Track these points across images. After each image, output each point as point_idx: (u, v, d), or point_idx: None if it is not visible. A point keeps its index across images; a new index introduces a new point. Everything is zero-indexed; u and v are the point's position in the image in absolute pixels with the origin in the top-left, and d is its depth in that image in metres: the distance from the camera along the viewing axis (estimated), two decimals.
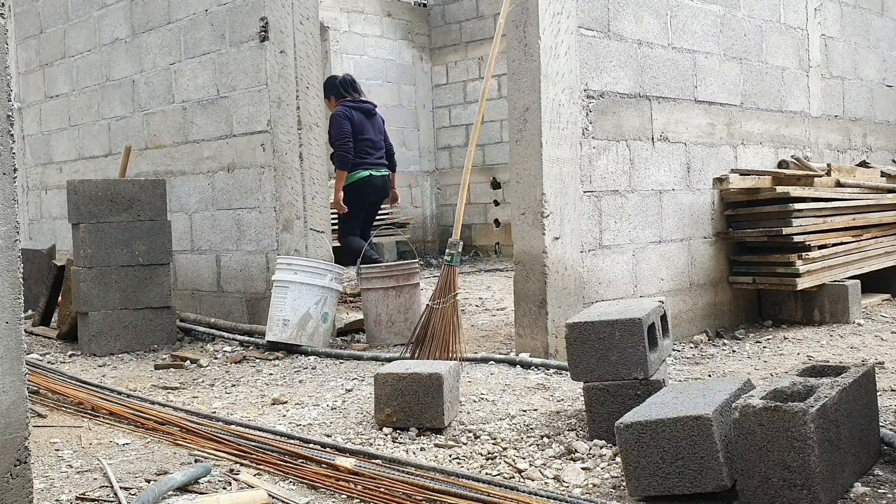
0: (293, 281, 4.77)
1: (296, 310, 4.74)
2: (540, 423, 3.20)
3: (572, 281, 4.42)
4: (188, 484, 2.52)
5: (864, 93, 6.80)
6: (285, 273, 4.81)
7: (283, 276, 4.81)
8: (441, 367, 3.21)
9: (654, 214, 4.91)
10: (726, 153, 5.40)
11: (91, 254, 4.91)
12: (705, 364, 4.39)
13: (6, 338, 2.11)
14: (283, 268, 4.84)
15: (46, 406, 3.59)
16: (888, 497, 2.33)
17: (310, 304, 4.75)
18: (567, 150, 4.41)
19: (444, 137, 12.30)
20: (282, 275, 4.82)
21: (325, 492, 2.52)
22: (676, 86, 5.04)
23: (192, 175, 5.96)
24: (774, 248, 5.28)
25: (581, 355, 3.01)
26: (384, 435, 3.11)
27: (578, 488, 2.54)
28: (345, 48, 11.30)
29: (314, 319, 4.76)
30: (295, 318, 4.73)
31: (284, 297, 4.77)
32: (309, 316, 4.75)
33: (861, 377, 2.51)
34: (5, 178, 2.12)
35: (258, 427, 3.16)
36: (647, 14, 4.86)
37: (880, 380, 3.63)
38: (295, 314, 4.74)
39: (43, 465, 2.83)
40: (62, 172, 7.53)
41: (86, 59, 7.11)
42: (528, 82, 4.33)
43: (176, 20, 6.04)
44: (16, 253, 2.13)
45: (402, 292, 5.05)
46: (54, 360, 4.75)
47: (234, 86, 5.55)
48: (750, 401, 2.25)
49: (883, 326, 5.18)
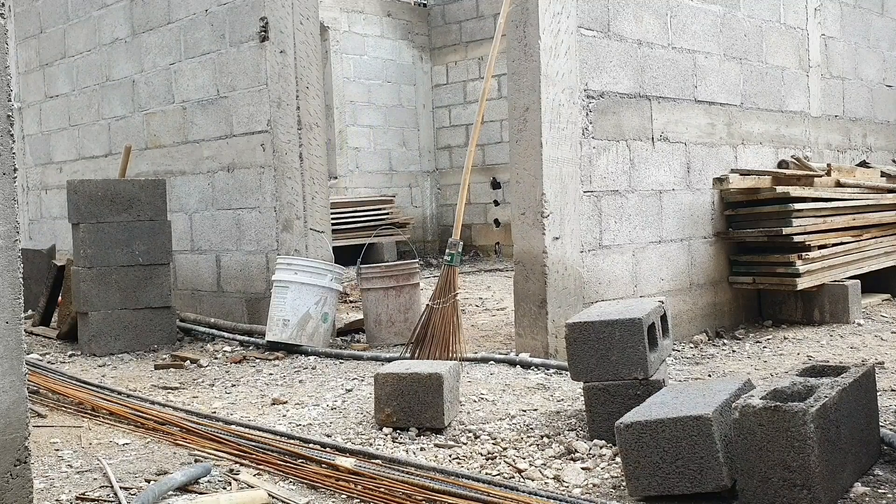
0: (293, 281, 4.77)
1: (296, 310, 4.74)
2: (540, 423, 3.20)
3: (572, 281, 4.42)
4: (188, 484, 2.52)
5: (864, 93, 6.80)
6: (285, 273, 4.81)
7: (282, 276, 4.81)
8: (441, 367, 3.21)
9: (654, 214, 4.91)
10: (726, 153, 5.40)
11: (91, 254, 4.91)
12: (705, 364, 4.39)
13: (6, 338, 2.11)
14: (283, 268, 4.84)
15: (46, 406, 3.59)
16: (888, 497, 2.33)
17: (310, 304, 4.75)
18: (567, 150, 4.41)
19: (444, 137, 12.31)
20: (282, 275, 4.82)
21: (325, 492, 2.52)
22: (676, 86, 5.04)
23: (192, 175, 5.96)
24: (774, 248, 5.28)
25: (581, 355, 3.01)
26: (384, 435, 3.11)
27: (578, 488, 2.53)
28: (345, 48, 11.30)
29: (314, 319, 4.77)
30: (295, 318, 4.74)
31: (284, 297, 4.77)
32: (309, 316, 4.75)
33: (861, 377, 2.51)
34: (5, 178, 2.12)
35: (258, 427, 3.16)
36: (647, 14, 4.86)
37: (880, 380, 3.63)
38: (295, 314, 4.74)
39: (43, 465, 2.83)
40: (62, 172, 7.53)
41: (86, 59, 7.11)
42: (528, 82, 4.33)
43: (176, 20, 6.04)
44: (16, 253, 2.13)
45: (402, 292, 5.05)
46: (54, 360, 4.75)
47: (234, 86, 5.55)
48: (750, 401, 2.25)
49: (883, 326, 5.18)
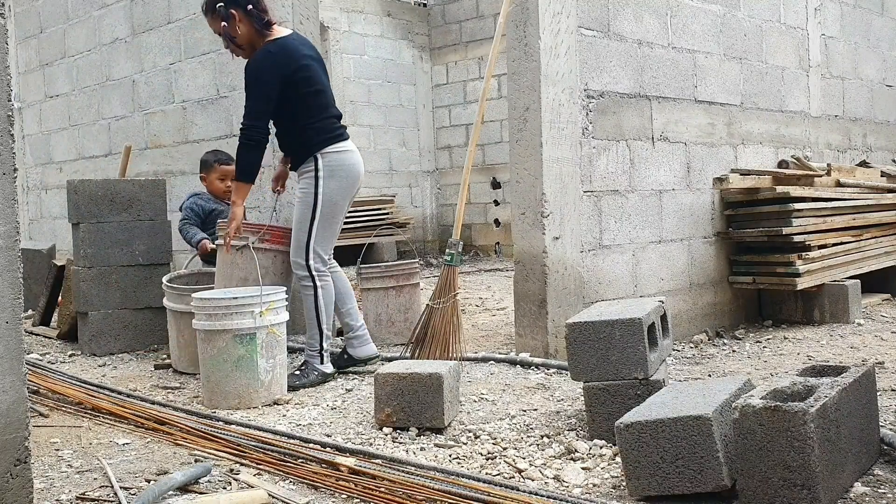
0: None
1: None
2: (540, 423, 3.20)
3: (572, 281, 4.42)
4: (188, 484, 2.52)
5: (864, 93, 6.80)
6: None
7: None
8: (441, 366, 3.21)
9: (654, 214, 4.91)
10: (726, 153, 5.40)
11: (91, 254, 4.91)
12: (705, 364, 4.39)
13: (6, 338, 2.11)
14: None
15: (46, 406, 3.59)
16: (888, 497, 2.33)
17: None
18: (567, 150, 4.41)
19: (444, 137, 12.31)
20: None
21: (325, 492, 2.52)
22: (676, 86, 5.04)
23: (192, 175, 5.95)
24: (774, 248, 5.28)
25: (581, 355, 3.01)
26: (384, 435, 3.11)
27: (578, 488, 2.53)
28: (345, 48, 11.30)
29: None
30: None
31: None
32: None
33: (861, 377, 2.51)
34: (5, 178, 2.12)
35: (258, 427, 3.16)
36: (647, 14, 4.86)
37: (880, 380, 3.63)
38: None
39: (43, 465, 2.83)
40: (62, 172, 7.53)
41: (86, 58, 7.11)
42: (528, 82, 4.33)
43: (176, 20, 6.04)
44: (16, 253, 2.13)
45: (402, 292, 5.06)
46: (54, 360, 4.75)
47: (235, 86, 5.55)
48: (750, 401, 2.25)
49: (883, 326, 5.18)
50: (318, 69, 4.03)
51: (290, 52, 3.93)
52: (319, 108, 4.00)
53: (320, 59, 4.11)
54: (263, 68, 3.87)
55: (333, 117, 4.07)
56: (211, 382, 3.65)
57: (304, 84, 3.93)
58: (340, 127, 4.10)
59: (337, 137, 4.03)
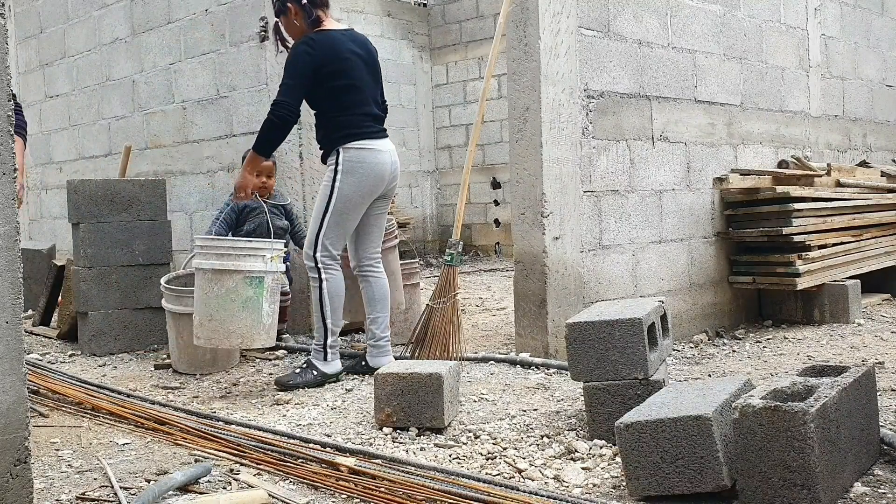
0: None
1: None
2: (540, 423, 3.20)
3: (572, 281, 4.42)
4: (188, 484, 2.52)
5: (864, 93, 6.80)
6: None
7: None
8: (441, 367, 3.21)
9: (654, 214, 4.91)
10: (726, 153, 5.40)
11: (91, 254, 4.91)
12: (705, 364, 4.39)
13: (6, 338, 2.11)
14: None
15: (46, 406, 3.59)
16: (888, 497, 2.33)
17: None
18: (567, 150, 4.41)
19: (444, 137, 12.30)
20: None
21: (325, 492, 2.52)
22: (676, 86, 5.04)
23: (192, 175, 5.96)
24: (774, 248, 5.28)
25: (581, 355, 3.01)
26: (384, 435, 3.11)
27: (578, 488, 2.53)
28: None
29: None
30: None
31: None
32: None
33: (861, 377, 2.52)
34: (5, 178, 2.11)
35: (258, 427, 3.16)
36: (647, 14, 4.86)
37: (880, 380, 3.63)
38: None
39: (43, 465, 2.83)
40: (62, 172, 7.53)
41: (86, 58, 7.11)
42: (528, 82, 4.33)
43: (176, 20, 6.04)
44: (16, 253, 2.13)
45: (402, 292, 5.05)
46: (54, 360, 4.75)
47: (235, 86, 5.56)
48: (750, 401, 2.25)
49: (883, 326, 5.18)
50: (358, 65, 4.01)
51: (330, 44, 3.95)
52: (351, 104, 3.99)
53: (370, 58, 4.09)
54: (299, 52, 3.92)
55: (366, 115, 4.03)
56: (214, 321, 3.76)
57: (335, 77, 3.93)
58: (373, 125, 4.06)
59: (364, 134, 4.00)
